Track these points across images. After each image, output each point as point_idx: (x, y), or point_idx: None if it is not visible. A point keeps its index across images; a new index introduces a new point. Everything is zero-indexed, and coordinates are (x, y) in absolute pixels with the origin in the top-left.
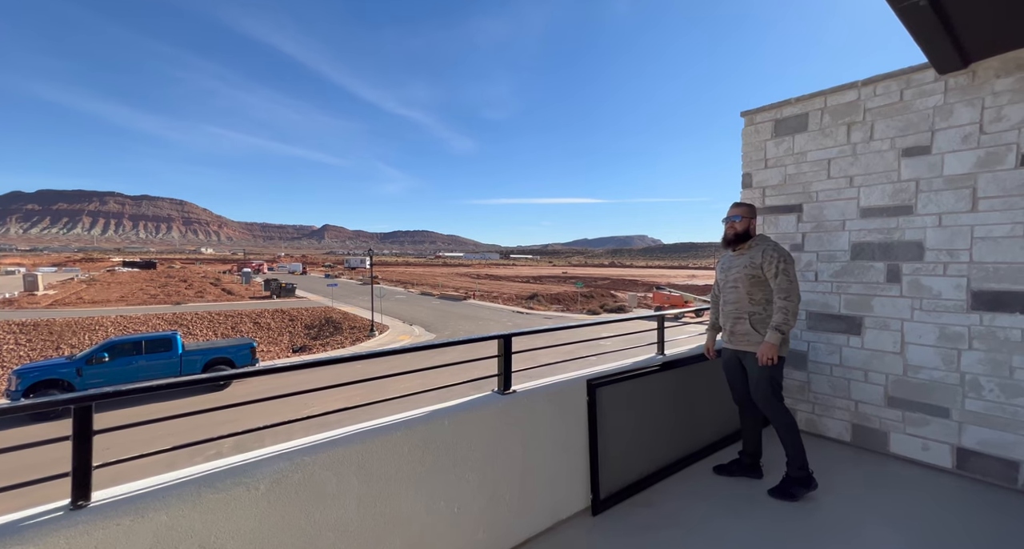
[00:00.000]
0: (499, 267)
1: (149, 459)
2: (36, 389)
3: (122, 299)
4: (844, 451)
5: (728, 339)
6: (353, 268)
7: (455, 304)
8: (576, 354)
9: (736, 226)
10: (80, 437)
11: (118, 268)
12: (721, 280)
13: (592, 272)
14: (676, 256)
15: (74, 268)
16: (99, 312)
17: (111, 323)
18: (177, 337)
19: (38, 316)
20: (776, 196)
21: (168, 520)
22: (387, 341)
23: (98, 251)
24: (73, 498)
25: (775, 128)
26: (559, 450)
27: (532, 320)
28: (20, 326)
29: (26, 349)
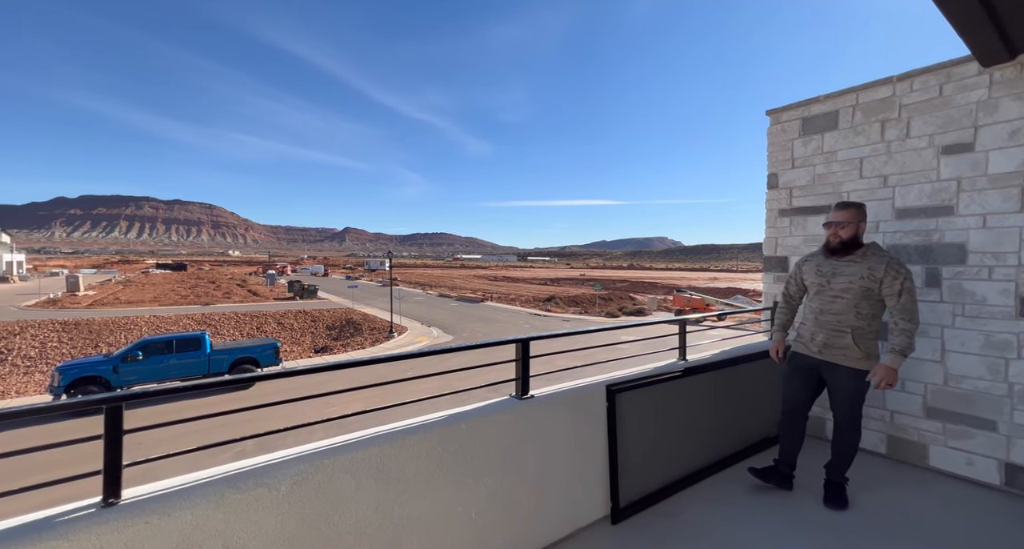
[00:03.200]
0: (516, 269)
1: (175, 456)
2: (76, 385)
3: (155, 300)
4: (879, 464)
5: (815, 349)
6: (373, 270)
7: (472, 306)
8: (595, 358)
9: (841, 233)
10: (111, 436)
11: (151, 270)
12: (814, 285)
13: (610, 274)
14: (697, 258)
15: (111, 270)
16: (134, 312)
17: (145, 323)
18: (205, 337)
19: (79, 316)
20: (804, 197)
21: (193, 519)
22: (405, 342)
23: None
24: (104, 496)
25: (803, 126)
26: (577, 456)
27: (549, 322)
28: (63, 325)
29: (68, 347)
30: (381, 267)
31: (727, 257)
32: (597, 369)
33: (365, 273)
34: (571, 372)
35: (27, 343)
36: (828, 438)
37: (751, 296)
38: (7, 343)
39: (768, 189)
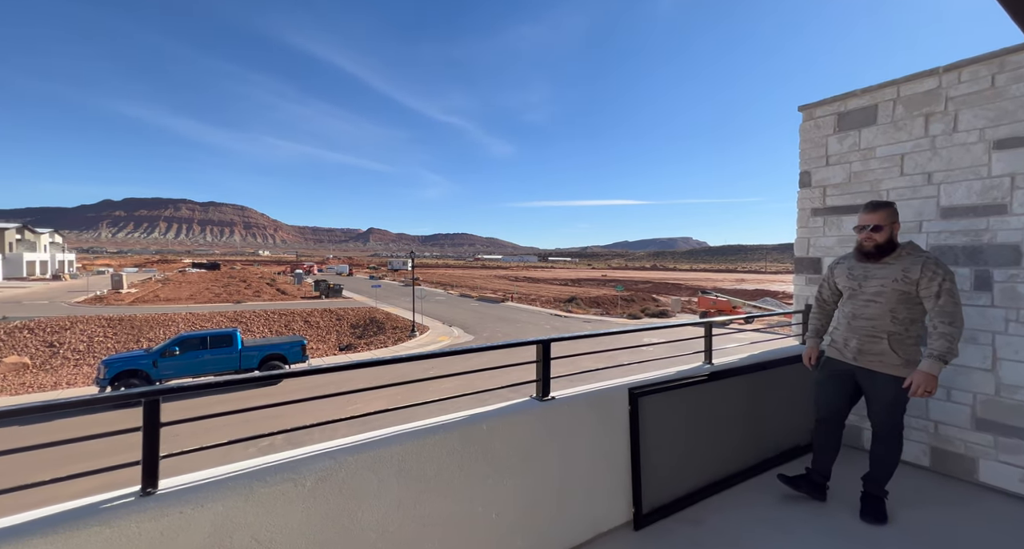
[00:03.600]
0: (537, 270)
1: (208, 448)
2: (120, 378)
3: (191, 297)
4: (922, 477)
5: (849, 355)
6: (396, 270)
7: (493, 306)
8: (617, 360)
9: (876, 237)
10: (149, 428)
11: (188, 269)
12: (847, 288)
13: (633, 275)
14: (723, 259)
15: (152, 269)
16: (172, 309)
17: (182, 319)
18: (237, 334)
19: (122, 312)
20: (839, 196)
21: (224, 511)
22: (427, 341)
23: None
24: (143, 485)
25: (838, 122)
26: (599, 460)
27: (570, 323)
28: (108, 321)
29: (113, 341)
30: (404, 267)
31: (755, 258)
32: (619, 371)
33: (388, 273)
34: (592, 374)
35: (76, 337)
36: (865, 448)
37: (781, 298)
38: (59, 337)
39: (800, 188)
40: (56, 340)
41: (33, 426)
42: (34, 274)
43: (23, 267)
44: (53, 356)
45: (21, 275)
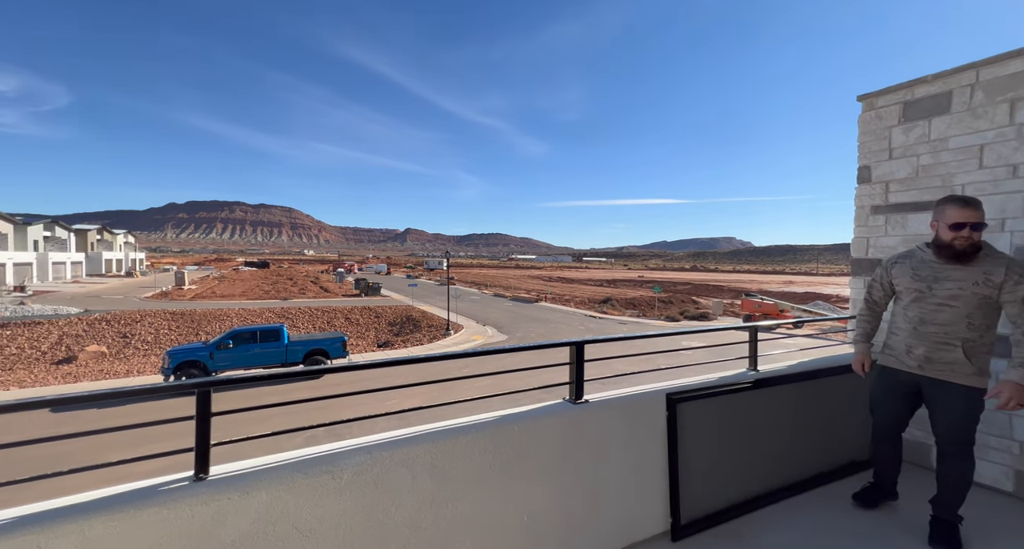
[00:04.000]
0: (571, 270)
1: (254, 438)
2: (181, 367)
3: (243, 294)
4: (1004, 503)
5: (913, 363)
6: (432, 269)
7: (527, 306)
8: (654, 364)
9: (975, 236)
10: (201, 417)
11: (241, 267)
12: (910, 291)
13: (671, 276)
14: (769, 260)
15: (209, 267)
16: (226, 305)
17: (235, 314)
18: (284, 329)
19: (183, 307)
20: (905, 191)
21: (268, 499)
22: (461, 340)
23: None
24: (196, 471)
25: (904, 111)
26: (634, 466)
27: (605, 325)
28: (171, 315)
29: (175, 334)
30: (439, 267)
31: (806, 259)
32: (656, 376)
33: (424, 272)
34: (627, 378)
35: (145, 329)
36: (932, 467)
37: (834, 302)
38: (131, 329)
39: (858, 183)
40: (128, 331)
41: (109, 409)
42: (111, 271)
43: (102, 265)
44: (126, 346)
45: (100, 272)
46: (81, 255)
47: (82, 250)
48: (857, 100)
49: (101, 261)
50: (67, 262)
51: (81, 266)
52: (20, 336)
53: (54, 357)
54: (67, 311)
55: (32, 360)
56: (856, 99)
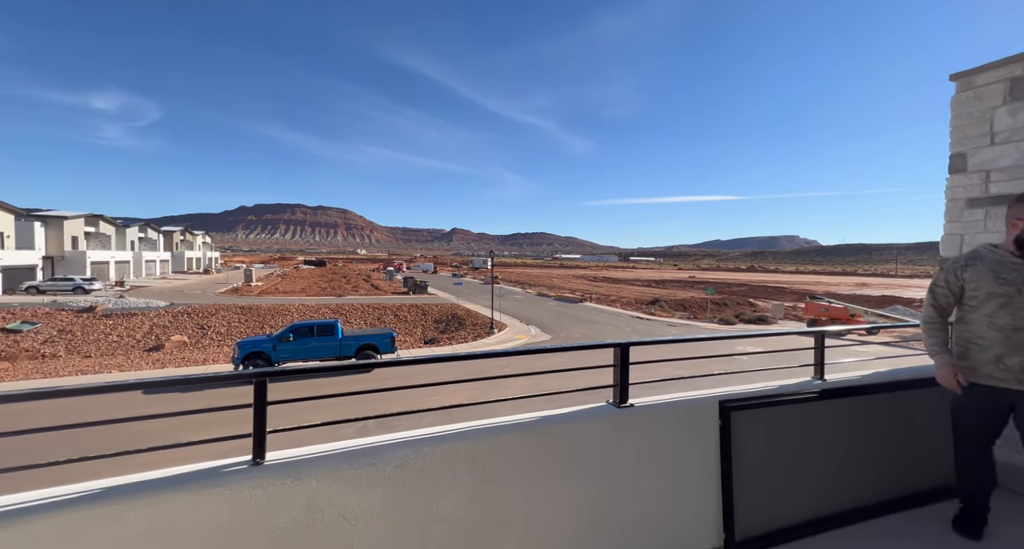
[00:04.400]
0: (617, 270)
1: (307, 427)
2: (249, 358)
3: (302, 290)
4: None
5: (1009, 375)
6: (476, 268)
7: (571, 306)
8: (705, 369)
9: None
10: (258, 406)
11: (301, 265)
12: (994, 295)
13: (726, 277)
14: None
15: (273, 265)
16: (288, 300)
17: (295, 309)
18: (338, 324)
19: (251, 302)
20: (1008, 182)
21: (317, 486)
22: (505, 339)
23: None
24: (253, 455)
25: (1010, 90)
26: (683, 476)
27: (652, 327)
28: (241, 309)
29: (244, 326)
30: (483, 266)
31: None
32: (707, 381)
33: (469, 271)
34: (676, 383)
35: (219, 322)
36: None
37: (916, 307)
38: (207, 321)
39: (950, 174)
40: (205, 323)
41: (191, 393)
42: (191, 268)
43: (185, 263)
44: (203, 336)
45: (183, 269)
46: (168, 254)
47: (168, 249)
48: (950, 79)
49: (184, 259)
50: (156, 260)
51: (168, 264)
52: (120, 326)
53: (146, 344)
54: (156, 304)
55: (128, 347)
56: (949, 79)
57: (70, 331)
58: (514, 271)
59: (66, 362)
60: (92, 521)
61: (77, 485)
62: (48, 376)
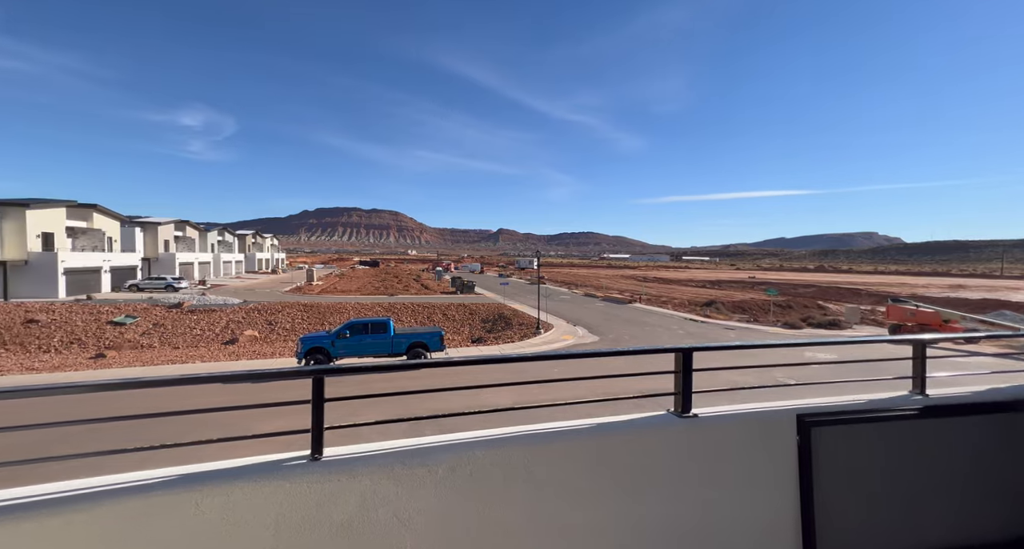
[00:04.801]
0: (669, 269)
1: (362, 425)
2: (311, 352)
3: (358, 289)
4: None
5: None
6: (523, 268)
7: (619, 307)
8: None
9: None
10: (316, 402)
11: (356, 266)
12: None
13: (790, 277)
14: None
15: (332, 265)
16: (345, 299)
17: (351, 308)
18: (390, 322)
19: (312, 300)
20: None
21: (371, 485)
22: (551, 339)
23: (345, 253)
24: (312, 451)
25: None
26: (754, 495)
27: (708, 330)
28: (304, 306)
29: (307, 323)
30: (530, 266)
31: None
32: (780, 392)
33: (515, 271)
34: (744, 393)
35: (285, 318)
36: None
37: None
38: (275, 317)
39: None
40: (273, 320)
41: (258, 385)
42: (261, 269)
43: (256, 263)
44: (271, 331)
45: (254, 269)
46: (241, 256)
47: (242, 251)
48: None
49: (255, 260)
50: (232, 261)
51: (241, 264)
52: (202, 321)
53: (223, 338)
54: (232, 301)
55: (208, 339)
56: None
57: (163, 324)
58: (560, 271)
59: (159, 352)
60: (172, 506)
61: (158, 470)
62: (146, 364)
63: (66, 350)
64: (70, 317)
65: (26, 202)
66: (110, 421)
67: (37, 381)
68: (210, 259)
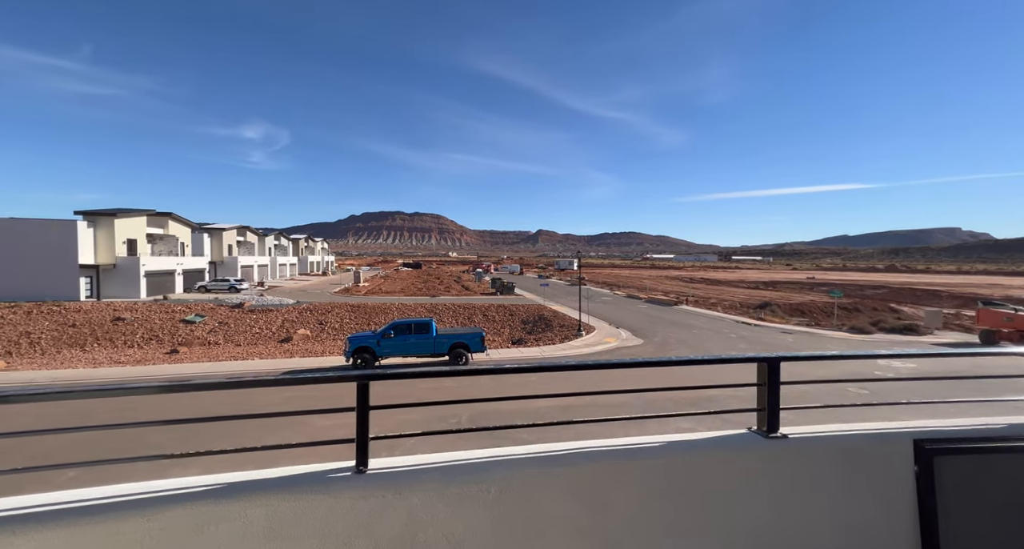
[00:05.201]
0: (717, 270)
1: (407, 437)
2: (358, 352)
3: (401, 291)
4: None
5: None
6: (562, 269)
7: (664, 309)
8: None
9: None
10: (361, 410)
11: (400, 267)
12: None
13: (856, 278)
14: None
15: (377, 267)
16: (389, 300)
17: (395, 308)
18: (432, 323)
19: (359, 300)
20: None
21: (420, 503)
22: (593, 341)
23: (390, 255)
24: (356, 462)
25: None
26: (859, 533)
27: (763, 333)
28: (351, 307)
29: (354, 323)
30: (569, 267)
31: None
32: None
33: (555, 272)
34: (835, 411)
35: (334, 318)
36: None
37: None
38: (325, 317)
39: None
40: (323, 319)
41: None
42: (313, 271)
43: (308, 266)
44: (322, 331)
45: (306, 272)
46: (295, 258)
47: (295, 254)
48: None
49: (307, 263)
50: (287, 264)
51: (295, 267)
52: (260, 320)
53: (278, 336)
54: (286, 302)
55: (266, 338)
56: None
57: (226, 323)
58: (601, 272)
59: (223, 349)
60: (220, 516)
61: (206, 477)
62: (212, 360)
63: (146, 345)
64: (149, 315)
65: (114, 212)
66: (156, 425)
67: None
68: (267, 262)
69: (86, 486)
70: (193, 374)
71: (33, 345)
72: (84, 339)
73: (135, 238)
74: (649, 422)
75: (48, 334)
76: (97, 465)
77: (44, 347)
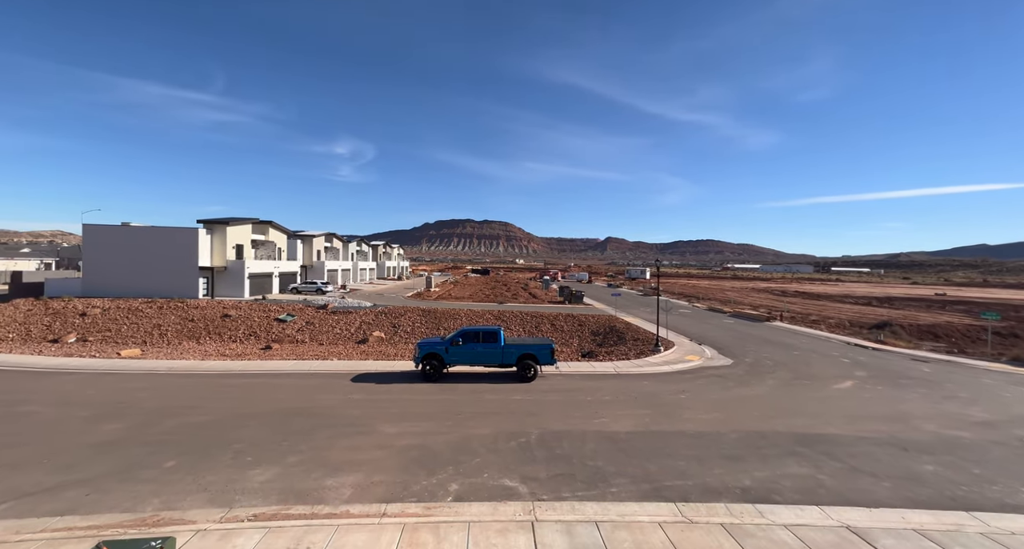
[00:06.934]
0: (814, 283)
1: None
2: (427, 358)
3: (470, 296)
4: None
5: None
6: (633, 278)
7: (754, 325)
8: None
9: None
10: None
11: (469, 273)
12: None
13: (1002, 295)
14: None
15: (448, 273)
16: (458, 305)
17: (464, 314)
18: (501, 332)
19: (430, 305)
20: None
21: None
22: (673, 358)
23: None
24: None
25: None
26: None
27: (886, 360)
28: (422, 312)
29: (424, 327)
30: (641, 276)
31: None
32: None
33: (625, 281)
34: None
35: (406, 322)
36: None
37: None
38: (398, 321)
39: None
40: (396, 323)
41: (382, 385)
42: (389, 276)
43: (385, 271)
44: (395, 334)
45: (384, 276)
46: (374, 263)
47: (374, 260)
48: None
49: (385, 268)
50: (367, 269)
51: (374, 271)
52: (341, 321)
53: (356, 338)
54: (364, 305)
55: (344, 338)
56: None
57: (312, 323)
58: (677, 282)
59: (308, 347)
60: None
61: None
62: (300, 357)
63: (246, 340)
64: (250, 314)
65: (226, 221)
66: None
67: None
68: (350, 266)
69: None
70: (283, 370)
71: (162, 336)
72: (199, 333)
73: (242, 243)
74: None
75: (172, 327)
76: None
77: (170, 338)
